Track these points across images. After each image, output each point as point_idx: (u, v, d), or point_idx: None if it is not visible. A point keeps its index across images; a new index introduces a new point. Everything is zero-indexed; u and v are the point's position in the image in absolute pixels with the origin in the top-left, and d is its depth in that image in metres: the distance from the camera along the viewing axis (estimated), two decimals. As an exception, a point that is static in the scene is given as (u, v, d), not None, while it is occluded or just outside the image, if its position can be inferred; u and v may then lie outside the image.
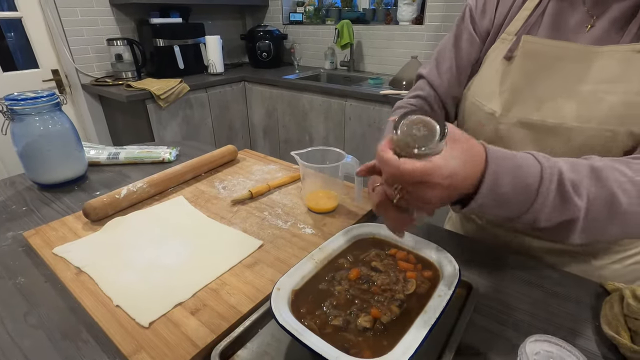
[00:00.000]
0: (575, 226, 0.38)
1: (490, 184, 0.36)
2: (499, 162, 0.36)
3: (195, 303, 0.49)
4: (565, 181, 0.37)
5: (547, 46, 0.55)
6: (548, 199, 0.36)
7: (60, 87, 2.13)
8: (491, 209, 0.38)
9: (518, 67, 0.58)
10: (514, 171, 0.36)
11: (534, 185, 0.36)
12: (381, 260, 0.52)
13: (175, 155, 1.00)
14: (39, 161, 0.80)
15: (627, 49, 0.49)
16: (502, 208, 0.38)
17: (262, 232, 0.65)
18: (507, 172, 0.36)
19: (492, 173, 0.36)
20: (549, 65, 0.55)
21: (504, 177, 0.36)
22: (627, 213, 0.38)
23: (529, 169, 0.37)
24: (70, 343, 0.45)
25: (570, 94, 0.53)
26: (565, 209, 0.37)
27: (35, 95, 0.77)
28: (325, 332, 0.41)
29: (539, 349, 0.29)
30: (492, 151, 0.37)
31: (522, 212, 0.38)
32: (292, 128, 2.30)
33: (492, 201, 0.37)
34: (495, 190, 0.36)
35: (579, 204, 0.37)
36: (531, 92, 0.57)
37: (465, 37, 0.67)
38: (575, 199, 0.37)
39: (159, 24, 2.16)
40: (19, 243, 0.64)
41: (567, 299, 0.52)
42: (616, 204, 0.38)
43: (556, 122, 0.55)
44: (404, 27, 2.19)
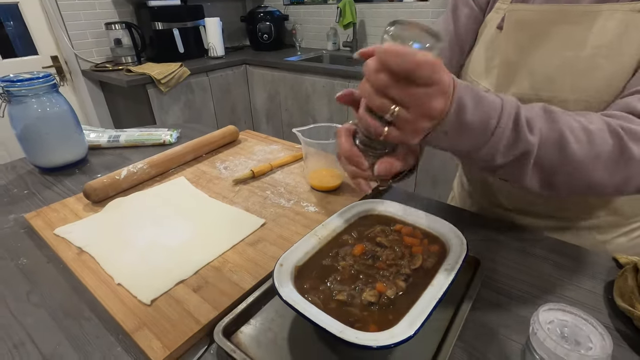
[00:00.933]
0: (528, 162, 0.38)
1: (456, 109, 0.34)
2: (464, 90, 0.35)
3: (197, 280, 0.48)
4: (520, 117, 0.36)
5: (537, 12, 0.52)
6: (505, 132, 0.36)
7: (60, 74, 2.11)
8: (453, 138, 0.36)
9: (507, 40, 0.54)
10: (477, 100, 0.35)
11: (494, 118, 0.36)
12: (386, 236, 0.51)
13: (176, 137, 0.99)
14: (38, 144, 0.79)
15: (627, 8, 0.46)
16: (463, 137, 0.36)
17: (264, 211, 0.64)
18: (471, 100, 0.35)
19: (457, 98, 0.34)
20: (542, 33, 0.52)
21: (468, 104, 0.34)
22: (577, 158, 0.38)
23: (491, 103, 0.36)
24: (72, 321, 0.44)
25: (564, 62, 0.50)
26: (519, 143, 0.37)
27: (31, 77, 0.75)
28: (330, 307, 0.40)
29: (553, 318, 0.27)
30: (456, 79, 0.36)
31: (480, 144, 0.37)
32: (294, 111, 2.27)
33: (456, 128, 0.35)
34: (460, 117, 0.35)
35: (531, 140, 0.37)
36: (523, 65, 0.54)
37: (463, 11, 0.63)
38: (528, 135, 0.37)
39: (157, 7, 2.12)
40: (21, 225, 0.63)
41: (578, 272, 0.50)
42: (566, 145, 0.38)
43: (550, 95, 0.52)
44: (408, 4, 2.13)
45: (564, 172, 0.40)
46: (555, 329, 0.27)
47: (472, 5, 0.62)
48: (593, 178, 0.40)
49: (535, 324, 0.27)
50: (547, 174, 0.40)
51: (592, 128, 0.39)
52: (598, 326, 0.26)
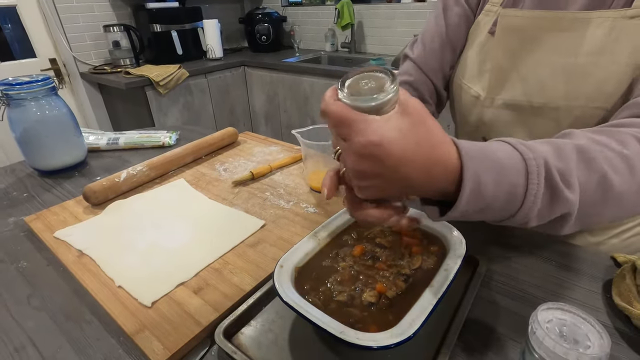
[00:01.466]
0: (569, 220, 0.33)
1: (473, 187, 0.28)
2: (476, 161, 0.29)
3: (198, 282, 0.48)
4: (553, 173, 0.30)
5: (528, 18, 0.51)
6: (537, 197, 0.30)
7: (59, 77, 2.11)
8: (475, 215, 0.31)
9: (498, 45, 0.54)
10: (496, 169, 0.29)
11: (521, 184, 0.30)
12: (386, 237, 0.51)
13: (175, 139, 0.99)
14: (37, 147, 0.79)
15: (617, 15, 0.46)
16: (487, 213, 0.31)
17: (264, 212, 0.64)
18: (488, 171, 0.29)
19: (472, 174, 0.28)
20: (533, 38, 0.51)
21: (486, 178, 0.29)
22: (621, 193, 0.33)
23: (512, 164, 0.30)
24: (73, 324, 0.44)
25: (556, 68, 0.50)
26: (557, 205, 0.31)
27: (30, 80, 0.75)
28: (330, 308, 0.40)
29: (552, 317, 0.28)
30: (464, 147, 0.29)
31: (510, 214, 0.32)
32: (293, 113, 2.28)
33: (476, 206, 0.30)
34: (480, 194, 0.29)
35: (571, 198, 0.31)
36: (515, 71, 0.53)
37: (454, 10, 0.62)
38: (567, 193, 0.31)
39: (155, 9, 2.12)
40: (21, 228, 0.63)
41: (576, 271, 0.51)
42: (609, 185, 0.33)
43: (542, 102, 0.51)
44: (406, 5, 2.13)
45: (607, 210, 0.35)
46: (554, 327, 0.27)
47: (463, 4, 0.61)
48: (636, 207, 0.36)
49: (534, 323, 0.27)
50: (589, 219, 0.35)
51: (628, 154, 0.34)
52: (596, 325, 0.26)
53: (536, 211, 0.31)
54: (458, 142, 0.30)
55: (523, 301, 0.46)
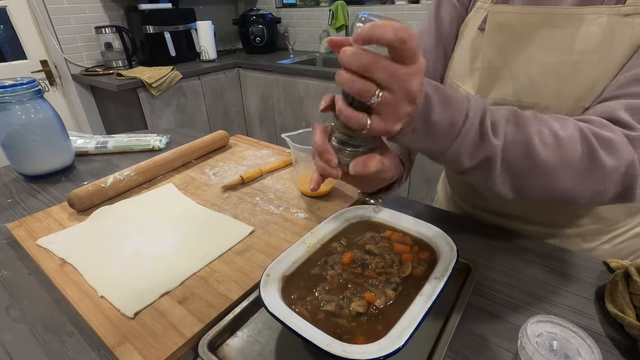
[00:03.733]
0: (495, 167, 0.38)
1: (424, 105, 0.34)
2: (432, 88, 0.34)
3: (183, 292, 0.47)
4: (486, 119, 0.36)
5: (518, 14, 0.50)
6: (469, 134, 0.36)
7: (50, 78, 2.08)
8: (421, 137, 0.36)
9: (488, 42, 0.53)
10: (444, 99, 0.35)
11: (460, 118, 0.35)
12: (376, 243, 0.50)
13: (166, 142, 0.97)
14: (22, 151, 0.77)
15: (611, 12, 0.45)
16: (429, 136, 0.36)
17: (253, 218, 0.63)
18: (438, 98, 0.34)
19: (425, 95, 0.34)
20: (523, 36, 0.50)
21: (435, 102, 0.34)
22: (546, 163, 0.38)
23: (458, 103, 0.35)
24: (53, 336, 0.43)
25: (547, 67, 0.49)
26: (483, 146, 0.36)
27: (15, 83, 0.74)
28: (317, 318, 0.39)
29: (542, 331, 0.27)
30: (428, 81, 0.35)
31: (446, 145, 0.36)
32: (288, 114, 2.26)
33: (423, 125, 0.35)
34: (427, 114, 0.34)
35: (495, 143, 0.36)
36: (506, 69, 0.52)
37: (447, 9, 0.61)
38: (492, 138, 0.36)
39: (148, 10, 2.10)
40: (3, 235, 0.62)
41: (569, 277, 0.50)
42: (533, 151, 0.37)
43: (532, 102, 0.51)
44: (400, 6, 2.13)
45: (532, 178, 0.39)
46: (544, 342, 0.26)
47: (455, 3, 0.60)
48: (563, 185, 0.39)
49: (523, 337, 0.26)
50: (516, 178, 0.39)
51: (562, 134, 0.38)
52: (587, 339, 0.26)
53: (466, 148, 0.36)
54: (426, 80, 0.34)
55: (515, 309, 0.45)
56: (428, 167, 1.78)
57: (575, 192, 0.40)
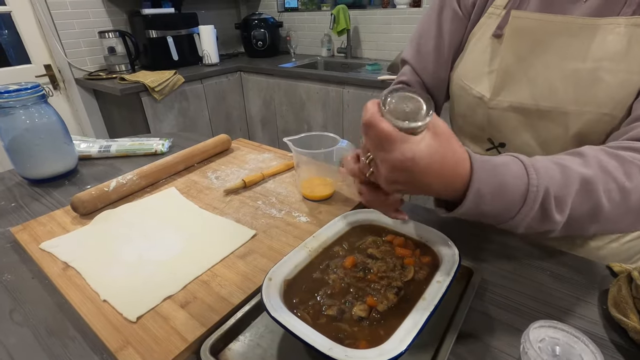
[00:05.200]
0: (553, 233, 0.39)
1: (473, 201, 0.35)
2: (483, 179, 0.34)
3: (185, 296, 0.47)
4: (550, 199, 0.35)
5: (540, 21, 0.51)
6: (528, 216, 0.35)
7: (53, 83, 2.10)
8: (472, 217, 0.38)
9: (507, 46, 0.54)
10: (499, 190, 0.35)
11: (517, 205, 0.35)
12: (378, 247, 0.50)
13: (168, 146, 0.98)
14: (26, 156, 0.77)
15: (629, 22, 0.46)
16: (482, 218, 0.38)
17: (255, 222, 0.63)
18: (491, 192, 0.34)
19: (475, 191, 0.34)
20: (542, 42, 0.51)
21: (487, 196, 0.34)
22: (608, 217, 0.38)
23: (515, 185, 0.35)
24: (56, 340, 0.43)
25: (566, 73, 0.50)
26: (545, 224, 0.37)
27: (19, 88, 0.74)
28: (319, 323, 0.39)
29: (544, 336, 0.27)
30: (478, 163, 0.35)
31: (501, 223, 0.38)
32: (290, 118, 2.27)
33: (474, 213, 0.36)
34: (478, 207, 0.35)
35: (559, 220, 0.36)
36: (523, 73, 0.53)
37: (447, 14, 0.62)
38: (556, 216, 0.36)
39: (151, 15, 2.12)
40: (7, 239, 0.62)
41: (572, 281, 0.50)
42: (599, 211, 0.37)
43: (551, 106, 0.51)
44: (401, 10, 2.14)
45: (591, 229, 0.39)
46: (546, 347, 0.26)
47: (456, 9, 0.62)
48: (620, 229, 0.41)
49: (525, 342, 0.26)
50: (574, 232, 0.40)
51: (629, 186, 0.37)
52: (590, 344, 0.25)
53: (524, 226, 0.36)
54: (473, 158, 0.35)
55: (518, 313, 0.45)
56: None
57: (629, 229, 0.41)
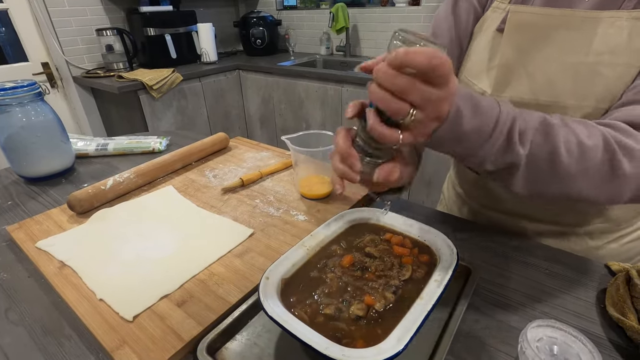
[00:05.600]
0: (517, 172, 0.39)
1: (453, 117, 0.35)
2: (463, 97, 0.35)
3: (182, 295, 0.47)
4: (514, 128, 0.37)
5: (538, 15, 0.51)
6: (497, 142, 0.37)
7: (51, 80, 2.09)
8: (449, 144, 0.38)
9: (507, 41, 0.53)
10: (475, 109, 0.36)
11: (489, 127, 0.36)
12: (376, 246, 0.50)
13: (166, 145, 0.97)
14: (23, 153, 0.77)
15: (630, 16, 0.45)
16: (458, 144, 0.37)
17: (253, 221, 0.63)
18: (469, 109, 0.35)
19: (455, 107, 0.34)
20: (542, 36, 0.51)
21: (466, 113, 0.35)
22: (567, 172, 0.39)
23: (488, 112, 0.36)
24: (52, 339, 0.43)
25: (565, 67, 0.50)
26: (508, 154, 0.37)
27: (15, 85, 0.74)
28: (317, 322, 0.39)
29: (542, 335, 0.26)
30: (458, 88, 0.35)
31: (473, 152, 0.38)
32: (288, 116, 2.27)
33: (452, 135, 0.36)
34: (457, 125, 0.35)
35: (520, 152, 0.37)
36: (523, 68, 0.53)
37: (463, 6, 0.61)
38: (518, 147, 0.37)
39: (149, 13, 2.11)
40: (3, 238, 0.62)
41: (570, 280, 0.50)
42: (557, 160, 0.38)
43: (550, 100, 0.51)
44: (400, 8, 2.13)
45: (552, 183, 0.40)
46: (544, 346, 0.26)
47: (473, 2, 0.60)
48: (581, 190, 0.40)
49: (523, 342, 0.26)
50: (536, 183, 0.40)
51: (587, 143, 0.39)
52: (587, 343, 0.25)
53: (492, 155, 0.37)
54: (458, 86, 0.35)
55: (516, 312, 0.45)
56: (429, 170, 1.78)
57: (592, 196, 0.41)
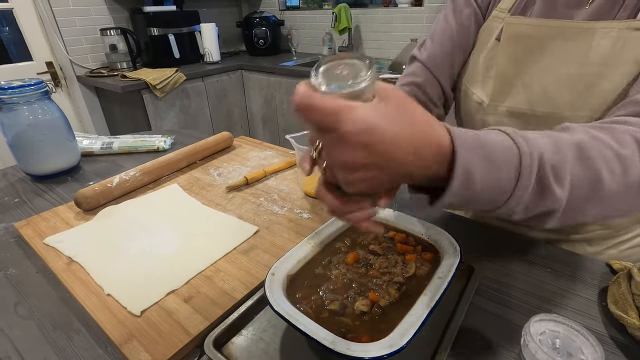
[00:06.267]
0: (555, 215, 0.33)
1: (463, 179, 0.28)
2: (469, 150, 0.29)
3: (188, 290, 0.48)
4: (546, 168, 0.30)
5: (534, 26, 0.51)
6: (526, 192, 0.30)
7: (55, 80, 2.10)
8: (462, 205, 0.32)
9: (503, 52, 0.54)
10: (488, 160, 0.29)
11: (512, 180, 0.30)
12: (379, 243, 0.50)
13: (170, 143, 0.98)
14: (30, 151, 0.78)
15: (622, 26, 0.45)
16: (473, 204, 0.31)
17: (257, 218, 0.64)
18: (480, 162, 0.29)
19: (463, 164, 0.28)
20: (538, 47, 0.51)
21: (477, 169, 0.29)
22: (610, 193, 0.33)
23: (506, 157, 0.30)
24: (61, 333, 0.44)
25: (561, 78, 0.50)
26: (545, 201, 0.31)
27: (23, 84, 0.75)
28: (322, 317, 0.40)
29: (545, 329, 0.27)
30: (458, 136, 0.29)
31: (496, 207, 0.32)
32: (291, 116, 2.27)
33: (464, 197, 0.30)
34: (469, 186, 0.29)
35: (561, 196, 0.31)
36: (519, 79, 0.53)
37: (464, 11, 0.61)
38: (557, 190, 0.31)
39: (152, 13, 2.12)
40: (11, 234, 0.62)
41: (572, 279, 0.50)
42: (600, 185, 0.33)
43: (546, 111, 0.51)
44: (403, 9, 2.14)
45: (592, 210, 0.35)
46: (547, 340, 0.27)
47: (473, 5, 0.60)
48: (624, 208, 0.36)
49: (526, 335, 0.26)
50: (574, 216, 0.35)
51: (624, 153, 0.34)
52: (590, 337, 0.26)
53: (522, 206, 0.31)
54: (450, 128, 0.29)
55: (518, 309, 0.45)
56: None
57: (628, 212, 0.37)
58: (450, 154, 0.28)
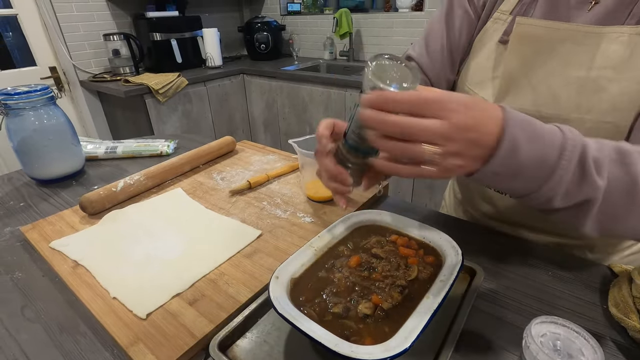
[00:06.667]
0: (592, 209, 0.35)
1: (508, 150, 0.31)
2: (518, 127, 0.32)
3: (193, 294, 0.48)
4: (588, 157, 0.33)
5: (544, 28, 0.51)
6: (567, 173, 0.32)
7: (58, 84, 2.12)
8: (505, 179, 0.34)
9: (512, 53, 0.54)
10: (534, 139, 0.32)
11: (555, 157, 0.32)
12: (382, 247, 0.51)
13: (173, 148, 0.99)
14: (35, 156, 0.79)
15: (633, 31, 0.46)
16: (516, 179, 0.34)
17: (261, 222, 0.64)
18: (527, 139, 0.32)
19: (510, 138, 0.31)
20: (546, 49, 0.51)
21: (524, 144, 0.32)
22: None
23: (552, 138, 0.33)
24: (67, 336, 0.44)
25: (569, 81, 0.50)
26: (584, 187, 0.33)
27: (29, 90, 0.76)
28: (325, 320, 0.40)
29: (546, 331, 0.28)
30: (510, 112, 0.33)
31: (538, 185, 0.34)
32: (292, 120, 2.29)
33: (508, 169, 0.33)
34: (513, 157, 0.32)
35: (599, 183, 0.33)
36: (526, 80, 0.53)
37: (458, 13, 0.62)
38: (596, 177, 0.33)
39: (155, 18, 2.14)
40: (17, 238, 0.63)
41: (572, 282, 0.51)
42: (636, 188, 0.34)
43: (553, 113, 0.51)
44: (404, 14, 2.16)
45: (629, 220, 0.36)
46: (547, 342, 0.27)
47: (467, 8, 0.61)
48: None
49: (527, 337, 0.27)
50: (610, 222, 0.36)
51: None
52: (590, 339, 0.26)
53: (563, 189, 0.33)
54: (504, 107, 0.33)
55: (519, 312, 0.46)
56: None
57: None
58: (502, 126, 0.32)
